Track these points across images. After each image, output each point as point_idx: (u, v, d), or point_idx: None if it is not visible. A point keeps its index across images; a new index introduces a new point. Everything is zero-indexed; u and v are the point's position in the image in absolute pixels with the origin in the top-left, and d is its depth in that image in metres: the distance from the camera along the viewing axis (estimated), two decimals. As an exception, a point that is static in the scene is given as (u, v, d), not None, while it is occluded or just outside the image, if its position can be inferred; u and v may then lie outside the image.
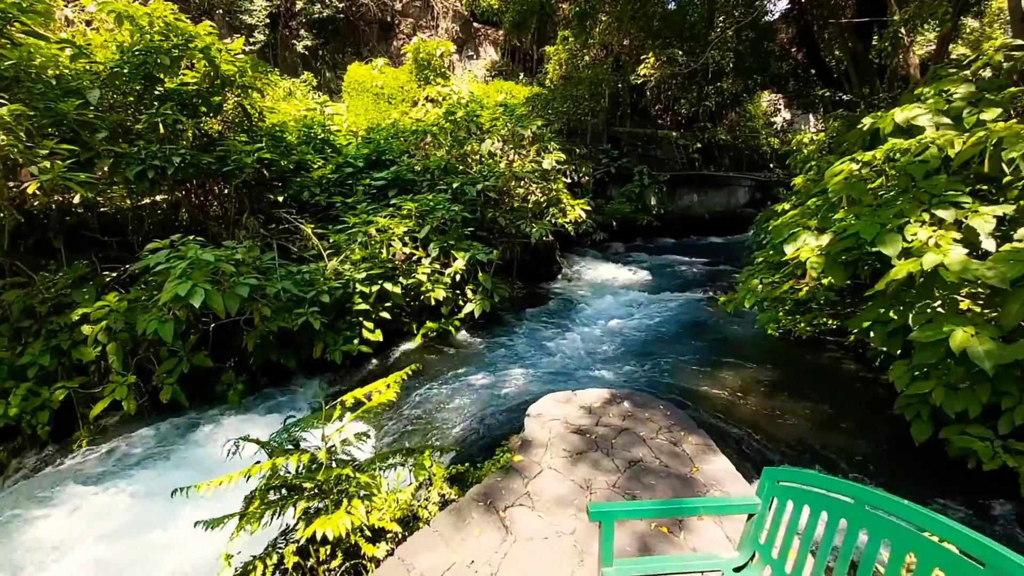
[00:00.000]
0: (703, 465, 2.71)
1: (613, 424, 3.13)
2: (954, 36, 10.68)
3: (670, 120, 22.22)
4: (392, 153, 9.07)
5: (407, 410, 4.38)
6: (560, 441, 2.95)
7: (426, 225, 6.79)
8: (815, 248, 4.22)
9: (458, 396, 4.49)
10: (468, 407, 4.17)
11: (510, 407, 4.05)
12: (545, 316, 7.48)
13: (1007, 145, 3.20)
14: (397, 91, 13.16)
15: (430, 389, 4.73)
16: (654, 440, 2.94)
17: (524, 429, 3.14)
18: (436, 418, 4.07)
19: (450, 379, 4.98)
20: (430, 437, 3.75)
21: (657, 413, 3.27)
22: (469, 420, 3.86)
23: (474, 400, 4.34)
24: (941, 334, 3.23)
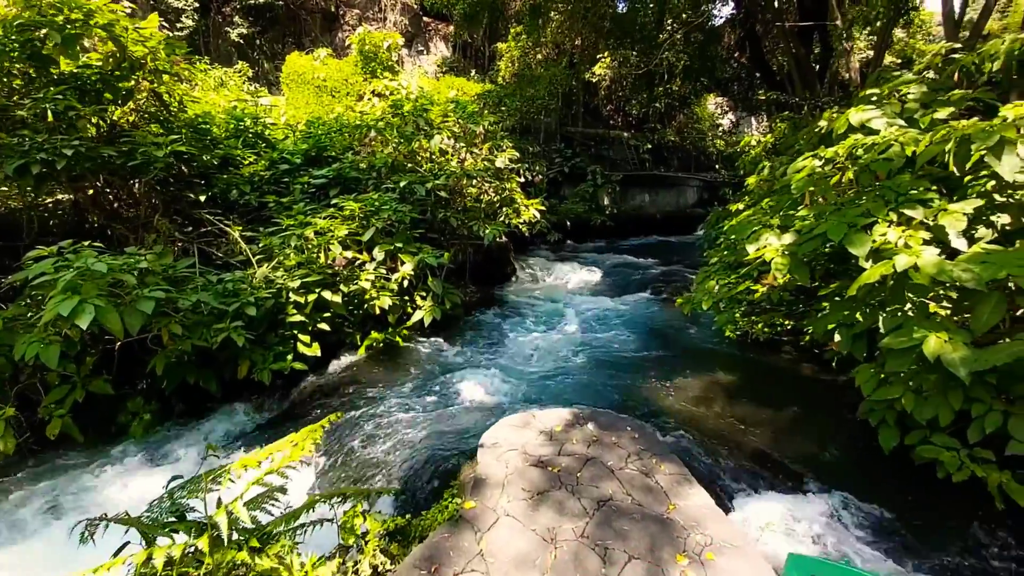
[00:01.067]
0: (680, 501, 2.41)
1: (577, 452, 2.79)
2: (889, 43, 11.09)
3: (621, 121, 22.38)
4: (334, 149, 8.43)
5: (346, 436, 3.89)
6: (518, 478, 2.57)
7: (371, 227, 6.26)
8: (779, 248, 4.05)
9: (404, 418, 4.03)
10: (415, 431, 3.72)
11: (463, 430, 3.64)
12: (500, 322, 7.11)
13: (977, 140, 3.08)
14: (341, 84, 12.40)
15: (373, 410, 4.24)
16: (624, 471, 2.62)
17: (477, 463, 2.74)
18: (378, 446, 3.60)
19: (396, 397, 4.51)
20: (370, 473, 3.28)
21: (624, 436, 2.96)
22: (416, 448, 3.42)
23: (422, 422, 3.89)
24: (913, 340, 3.08)
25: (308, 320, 5.03)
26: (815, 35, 13.17)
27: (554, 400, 4.32)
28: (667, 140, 22.24)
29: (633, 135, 21.22)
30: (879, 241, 3.40)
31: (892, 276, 3.15)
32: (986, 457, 3.18)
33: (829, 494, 3.33)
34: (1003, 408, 3.06)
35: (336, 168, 7.38)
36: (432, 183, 7.51)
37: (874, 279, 3.11)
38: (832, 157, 4.35)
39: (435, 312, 6.01)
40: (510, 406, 4.11)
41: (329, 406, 4.42)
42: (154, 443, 4.06)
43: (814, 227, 3.76)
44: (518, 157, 9.51)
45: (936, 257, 2.98)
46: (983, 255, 3.00)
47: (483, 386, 4.63)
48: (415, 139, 8.07)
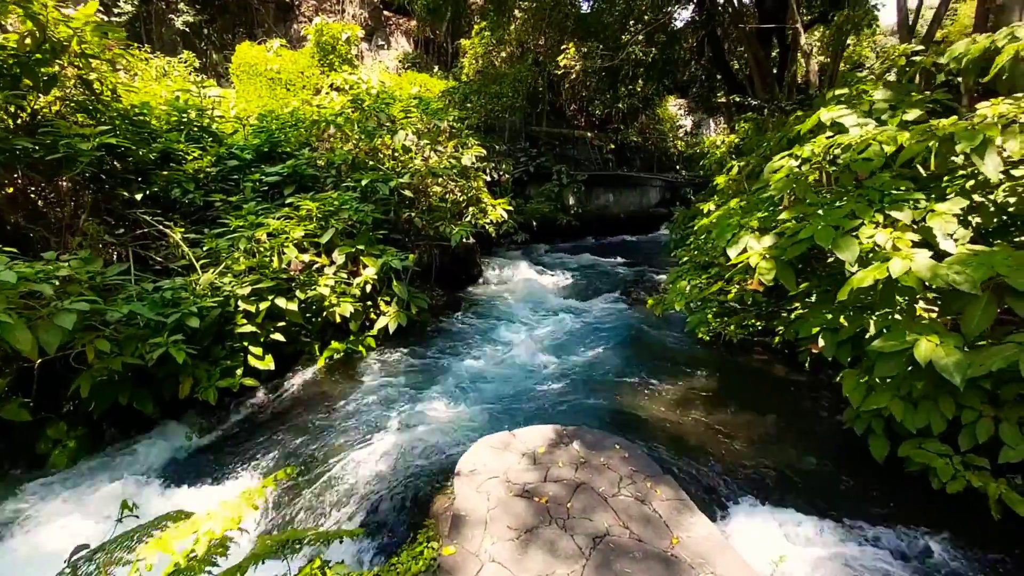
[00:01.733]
0: (683, 533, 2.19)
1: (565, 478, 2.53)
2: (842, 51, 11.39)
3: (584, 121, 22.40)
4: (289, 145, 7.91)
5: (302, 462, 3.50)
6: (502, 513, 2.30)
7: (330, 228, 5.84)
8: (762, 251, 3.92)
9: (369, 439, 3.68)
10: (382, 455, 3.38)
11: (435, 452, 3.33)
12: (469, 327, 6.80)
13: (960, 140, 3.00)
14: (296, 77, 11.77)
15: (333, 430, 3.86)
16: (618, 497, 2.39)
17: (454, 496, 2.45)
18: (339, 474, 3.23)
19: (359, 414, 4.14)
20: (330, 507, 2.92)
21: (614, 456, 2.73)
22: (383, 476, 3.08)
23: (389, 444, 3.54)
24: (904, 344, 2.97)
25: (260, 330, 4.59)
26: (774, 38, 13.43)
27: (532, 413, 4.05)
28: (630, 141, 22.44)
29: (597, 135, 21.29)
30: (867, 244, 3.30)
31: (883, 280, 3.04)
32: (980, 464, 3.11)
33: (821, 511, 3.20)
34: (993, 414, 3.00)
35: (291, 165, 6.89)
36: (396, 182, 7.12)
37: (867, 283, 2.99)
38: (808, 156, 4.26)
39: (401, 318, 5.65)
40: (485, 422, 3.81)
41: (284, 426, 4.02)
42: (79, 475, 3.55)
43: (799, 230, 3.63)
44: (484, 155, 9.21)
45: (929, 260, 2.88)
46: (971, 256, 2.92)
47: (454, 400, 4.32)
48: (377, 135, 7.65)
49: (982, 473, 3.09)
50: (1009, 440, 2.91)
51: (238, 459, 3.64)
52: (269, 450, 3.74)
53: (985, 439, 2.97)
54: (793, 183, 4.06)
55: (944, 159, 3.23)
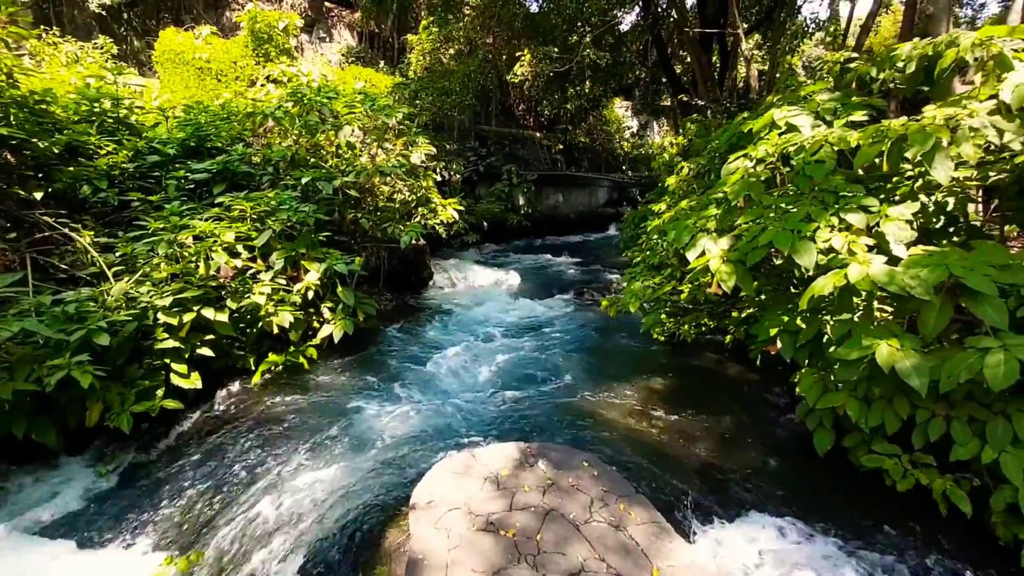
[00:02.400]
0: (664, 562, 2.04)
1: (533, 504, 2.32)
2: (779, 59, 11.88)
3: (533, 121, 22.41)
4: (220, 139, 7.30)
5: (230, 496, 3.10)
6: (466, 553, 2.05)
7: (266, 230, 5.37)
8: (721, 255, 3.87)
9: (310, 464, 3.32)
10: (324, 483, 3.04)
11: (386, 477, 3.03)
12: (420, 333, 6.48)
13: (913, 142, 3.03)
14: (229, 67, 10.96)
15: (270, 456, 3.47)
16: (591, 524, 2.21)
17: (411, 534, 2.18)
18: (274, 508, 2.87)
19: (300, 436, 3.76)
20: (259, 551, 2.56)
21: (583, 475, 2.56)
22: (327, 509, 2.74)
23: (334, 471, 3.20)
24: (865, 349, 2.97)
25: (184, 345, 4.10)
26: (715, 44, 13.83)
27: (491, 426, 3.82)
28: (578, 141, 22.67)
29: (545, 135, 21.35)
30: (822, 248, 3.30)
31: (841, 287, 3.02)
32: (927, 462, 3.17)
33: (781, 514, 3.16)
34: (945, 413, 3.05)
35: (222, 161, 6.33)
36: (340, 180, 6.71)
37: (828, 291, 2.96)
38: (763, 157, 4.27)
39: (346, 326, 5.27)
40: (440, 439, 3.55)
41: (212, 452, 3.58)
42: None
43: (757, 235, 3.60)
44: (434, 153, 8.89)
45: (885, 266, 2.88)
46: (925, 256, 2.95)
47: (406, 414, 4.02)
48: (319, 130, 7.18)
49: (929, 471, 3.15)
50: (960, 438, 2.96)
51: (154, 498, 3.18)
52: (193, 482, 3.30)
53: (937, 437, 3.01)
54: (748, 185, 4.04)
55: (896, 160, 3.26)
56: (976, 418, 2.97)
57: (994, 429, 2.85)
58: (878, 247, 3.29)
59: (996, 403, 2.92)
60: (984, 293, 2.69)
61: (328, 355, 5.39)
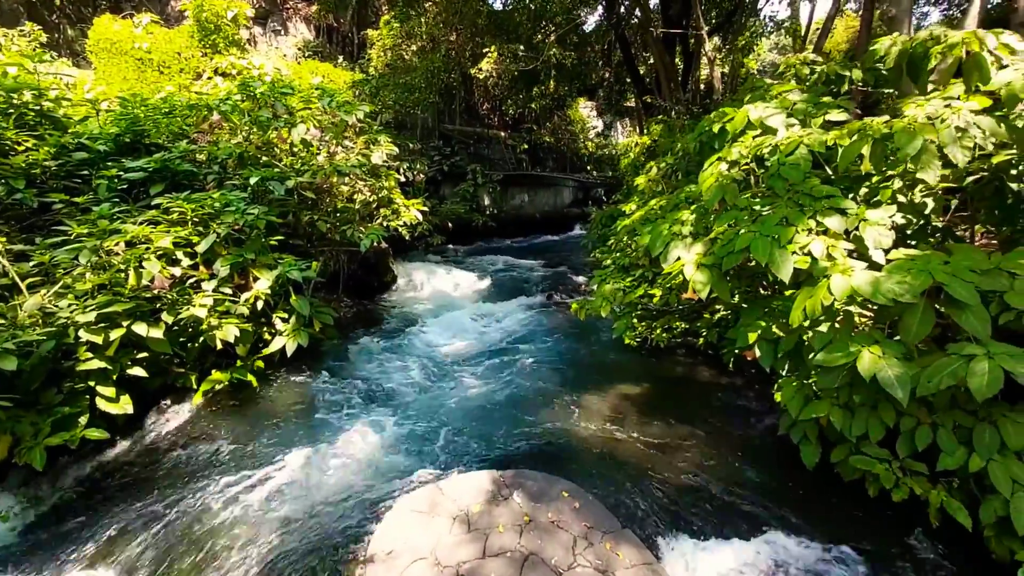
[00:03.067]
0: (657, 614, 1.82)
1: (509, 549, 2.06)
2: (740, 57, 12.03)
3: (498, 120, 22.21)
4: (161, 136, 6.73)
5: (160, 540, 2.71)
6: (432, 615, 1.78)
7: (210, 234, 4.92)
8: (697, 260, 3.71)
9: (255, 500, 2.95)
10: (272, 524, 2.68)
11: (342, 512, 2.70)
12: (381, 343, 6.12)
13: (899, 142, 2.93)
14: (172, 58, 10.24)
15: (210, 490, 3.08)
16: (575, 570, 1.96)
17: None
18: (211, 555, 2.50)
19: (245, 465, 3.37)
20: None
21: (564, 508, 2.32)
22: (272, 556, 2.40)
23: (284, 509, 2.83)
24: (847, 357, 2.84)
25: (112, 366, 3.65)
26: (678, 45, 13.92)
27: (457, 449, 3.54)
28: (543, 141, 22.60)
29: (510, 135, 21.17)
30: (802, 259, 3.17)
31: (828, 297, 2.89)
32: (919, 470, 3.08)
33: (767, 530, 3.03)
34: (931, 420, 2.96)
35: (161, 159, 5.80)
36: (295, 180, 6.27)
37: (818, 311, 2.82)
38: (737, 159, 4.14)
39: (300, 338, 4.88)
40: (403, 464, 3.24)
41: (143, 487, 3.17)
42: None
43: (732, 239, 3.45)
44: (397, 152, 8.51)
45: (869, 274, 2.77)
46: (907, 261, 2.85)
47: (365, 436, 3.68)
48: (271, 126, 6.71)
49: (921, 479, 3.06)
50: (947, 447, 2.87)
51: (66, 546, 2.75)
52: (113, 526, 2.87)
53: (925, 446, 2.92)
54: (723, 188, 3.90)
55: (879, 160, 3.17)
56: (961, 425, 2.90)
57: (980, 436, 2.77)
58: (857, 252, 3.20)
59: (981, 410, 2.85)
60: (966, 300, 2.61)
61: (281, 369, 4.99)
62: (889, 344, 2.83)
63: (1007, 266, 2.69)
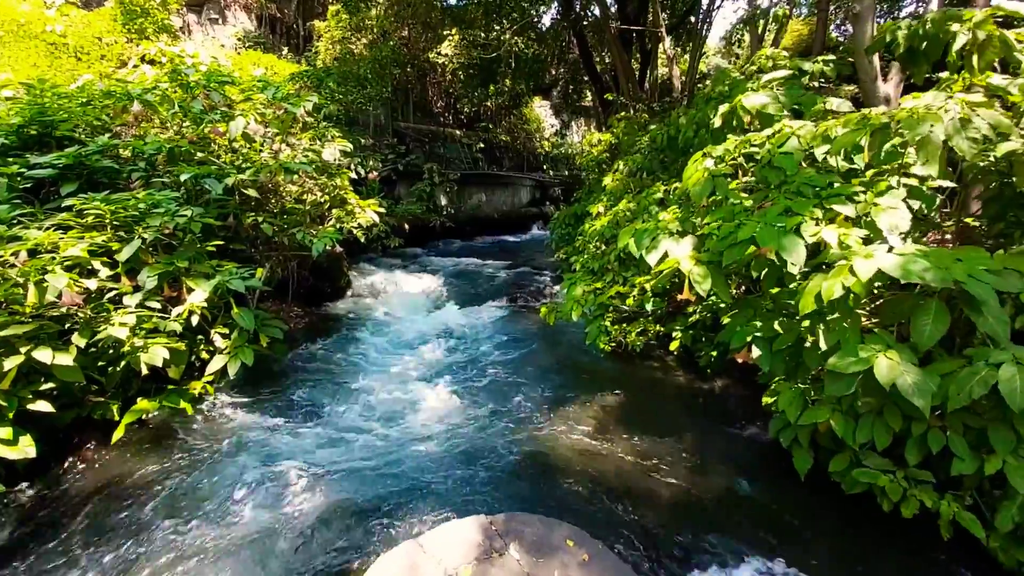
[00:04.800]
0: None
1: (511, 624, 1.69)
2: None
3: (453, 118, 21.76)
4: (78, 128, 5.92)
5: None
6: None
7: (134, 240, 4.27)
8: (693, 256, 3.45)
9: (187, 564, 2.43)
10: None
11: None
12: (337, 357, 5.57)
13: (907, 129, 2.75)
14: (91, 43, 9.20)
15: (123, 559, 2.52)
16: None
17: None
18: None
19: (172, 517, 2.80)
20: None
21: (570, 563, 1.95)
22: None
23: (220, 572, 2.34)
24: (861, 364, 2.63)
25: (7, 401, 3.01)
26: (635, 43, 13.90)
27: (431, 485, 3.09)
28: (499, 140, 22.32)
29: (466, 133, 20.76)
30: (811, 242, 2.95)
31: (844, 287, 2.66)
32: (925, 479, 2.92)
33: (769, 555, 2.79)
34: (940, 424, 2.80)
35: (74, 154, 5.04)
36: (234, 178, 5.63)
37: (836, 293, 2.58)
38: (723, 155, 3.93)
39: (244, 356, 4.30)
40: (371, 514, 2.75)
41: (40, 551, 2.57)
42: None
43: (732, 232, 3.20)
44: (350, 148, 7.94)
45: (896, 256, 2.55)
46: (919, 255, 2.66)
47: (322, 477, 3.15)
48: (207, 120, 6.02)
49: (928, 490, 2.90)
50: (960, 452, 2.71)
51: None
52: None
53: (938, 450, 2.74)
54: (713, 182, 3.66)
55: (878, 151, 2.99)
56: (971, 426, 2.75)
57: (996, 434, 2.60)
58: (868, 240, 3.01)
59: (989, 412, 2.70)
60: (986, 301, 2.44)
61: (222, 392, 4.40)
62: (901, 348, 2.64)
63: (1012, 265, 2.54)
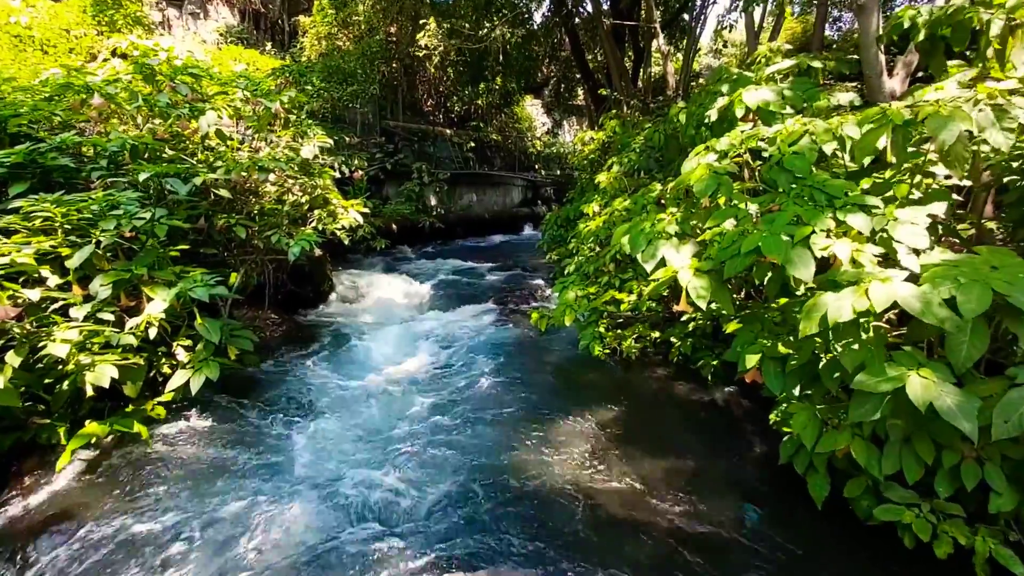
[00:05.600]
0: None
1: None
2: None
3: (443, 117, 21.43)
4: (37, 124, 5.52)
5: None
6: None
7: (86, 245, 3.91)
8: (693, 265, 3.15)
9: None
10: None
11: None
12: (314, 369, 5.21)
13: (933, 124, 2.47)
14: (59, 36, 8.76)
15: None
16: None
17: None
18: None
19: (125, 557, 2.48)
20: None
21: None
22: None
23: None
24: (893, 382, 2.34)
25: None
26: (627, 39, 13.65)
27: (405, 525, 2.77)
28: (490, 139, 22.02)
29: (456, 132, 20.43)
30: (820, 256, 2.67)
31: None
32: (954, 512, 2.63)
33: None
34: (975, 453, 2.52)
35: (25, 151, 4.66)
36: (204, 177, 5.27)
37: (845, 317, 2.29)
38: (727, 150, 3.64)
39: (208, 370, 3.95)
40: (346, 566, 2.42)
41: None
42: None
43: (736, 240, 2.91)
44: (331, 144, 7.57)
45: (915, 288, 2.27)
46: (948, 269, 2.38)
47: (289, 517, 2.79)
48: (175, 115, 5.64)
49: (959, 524, 2.61)
50: (997, 484, 2.43)
51: None
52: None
53: (974, 484, 2.46)
54: (717, 182, 3.37)
55: (902, 149, 2.70)
56: (1009, 457, 2.47)
57: (1040, 465, 2.33)
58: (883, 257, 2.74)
59: (1027, 440, 2.42)
60: (1033, 313, 2.16)
61: (185, 410, 4.02)
62: (936, 367, 2.35)
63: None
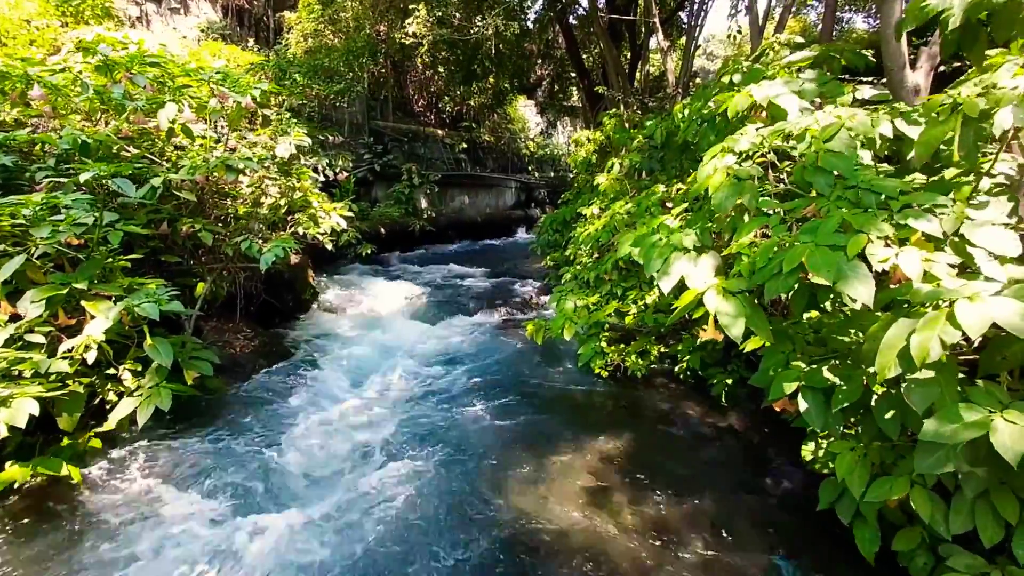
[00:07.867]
0: None
1: None
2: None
3: (434, 118, 20.93)
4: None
5: None
6: None
7: (18, 256, 3.39)
8: (720, 285, 2.68)
9: None
10: None
11: None
12: (287, 387, 4.70)
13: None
14: (18, 27, 8.19)
15: None
16: None
17: None
18: None
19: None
20: None
21: None
22: None
23: None
24: (975, 426, 1.88)
25: None
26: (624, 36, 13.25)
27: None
28: (482, 140, 21.56)
29: (448, 133, 19.94)
30: (879, 269, 2.22)
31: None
32: (1031, 582, 2.19)
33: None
34: (1062, 514, 2.07)
35: (-45, 148, 4.14)
36: (165, 177, 4.76)
37: (935, 354, 1.83)
38: (748, 150, 3.18)
39: (158, 398, 3.43)
40: None
41: None
42: None
43: (773, 256, 2.44)
44: (310, 144, 7.06)
45: (1020, 304, 1.80)
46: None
47: (238, 570, 2.34)
48: (130, 108, 5.11)
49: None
50: (1095, 553, 1.98)
51: None
52: None
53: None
54: (740, 187, 2.91)
55: (972, 148, 2.25)
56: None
57: None
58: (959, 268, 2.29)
59: None
60: None
61: (129, 444, 3.50)
62: (1021, 406, 1.90)
63: None
